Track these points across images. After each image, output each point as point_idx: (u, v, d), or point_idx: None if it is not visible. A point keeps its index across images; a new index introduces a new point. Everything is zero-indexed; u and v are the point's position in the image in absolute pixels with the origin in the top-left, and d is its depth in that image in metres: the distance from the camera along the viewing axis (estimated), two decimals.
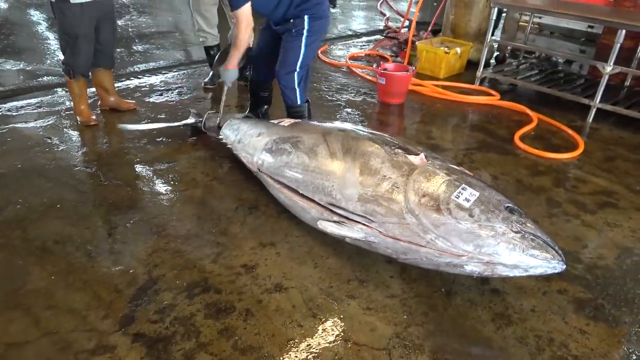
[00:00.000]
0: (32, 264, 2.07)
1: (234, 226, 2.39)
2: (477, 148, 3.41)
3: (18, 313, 1.82)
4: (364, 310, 1.92)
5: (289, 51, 2.85)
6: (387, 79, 4.04)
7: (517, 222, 1.85)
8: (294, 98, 2.95)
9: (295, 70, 2.86)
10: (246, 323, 1.82)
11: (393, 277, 2.10)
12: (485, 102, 4.28)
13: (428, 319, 1.90)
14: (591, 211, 2.70)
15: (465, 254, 1.83)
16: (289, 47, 2.85)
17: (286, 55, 2.87)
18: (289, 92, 2.94)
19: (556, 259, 1.80)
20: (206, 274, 2.06)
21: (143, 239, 2.26)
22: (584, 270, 2.23)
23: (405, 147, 2.23)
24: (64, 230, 2.29)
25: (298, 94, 2.94)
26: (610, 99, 3.97)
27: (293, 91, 2.93)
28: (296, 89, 2.92)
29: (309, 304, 1.93)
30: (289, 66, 2.86)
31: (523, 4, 4.54)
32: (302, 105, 3.01)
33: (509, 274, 1.83)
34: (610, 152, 3.44)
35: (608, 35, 4.24)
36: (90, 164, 2.89)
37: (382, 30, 6.88)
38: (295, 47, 2.82)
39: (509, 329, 1.88)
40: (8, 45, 5.20)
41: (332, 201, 2.13)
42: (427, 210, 1.90)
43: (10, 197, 2.51)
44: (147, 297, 1.91)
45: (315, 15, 2.80)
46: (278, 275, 2.08)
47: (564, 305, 2.01)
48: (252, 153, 2.59)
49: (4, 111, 3.52)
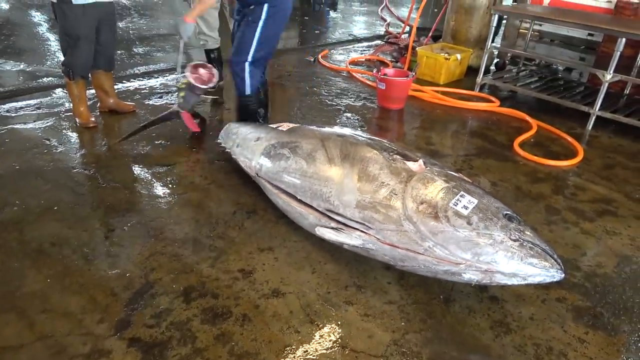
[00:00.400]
0: (28, 267, 2.05)
1: (231, 230, 2.38)
2: (477, 154, 3.41)
3: (13, 316, 1.81)
4: (361, 317, 1.91)
5: (242, 38, 2.82)
6: (387, 84, 4.04)
7: (516, 230, 1.84)
8: (242, 88, 2.93)
9: (246, 60, 2.83)
10: (243, 329, 1.81)
11: (391, 284, 2.09)
12: (485, 108, 4.29)
13: (426, 326, 1.89)
14: (590, 219, 2.69)
15: (463, 262, 1.82)
16: (243, 34, 2.82)
17: (239, 42, 2.84)
18: (239, 81, 2.91)
19: (555, 267, 1.79)
20: (203, 279, 2.05)
21: (140, 242, 2.25)
22: (583, 278, 2.23)
23: (404, 153, 2.22)
24: (60, 233, 2.27)
25: (247, 84, 2.91)
26: (610, 106, 3.98)
27: (242, 81, 2.90)
28: (246, 79, 2.88)
29: (306, 309, 1.92)
30: (241, 55, 2.83)
31: (523, 11, 4.56)
32: (250, 97, 2.98)
33: (507, 282, 1.82)
34: (609, 160, 3.44)
35: (608, 43, 4.25)
36: (89, 166, 2.88)
37: (382, 36, 6.90)
38: (249, 34, 2.79)
39: (507, 337, 1.87)
40: (8, 46, 5.19)
41: (330, 207, 2.13)
42: (425, 218, 1.89)
43: (7, 199, 2.50)
44: (144, 301, 1.90)
45: (274, 3, 2.75)
46: (276, 280, 2.07)
47: (563, 314, 2.00)
48: (250, 157, 2.58)
49: (3, 112, 3.51)
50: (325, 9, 9.09)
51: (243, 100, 3.01)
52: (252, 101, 3.04)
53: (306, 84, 4.65)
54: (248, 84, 2.92)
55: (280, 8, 2.83)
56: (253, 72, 2.91)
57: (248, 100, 3.01)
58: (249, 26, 2.79)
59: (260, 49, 2.85)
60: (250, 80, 2.91)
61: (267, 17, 2.76)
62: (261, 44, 2.83)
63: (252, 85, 2.95)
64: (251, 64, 2.86)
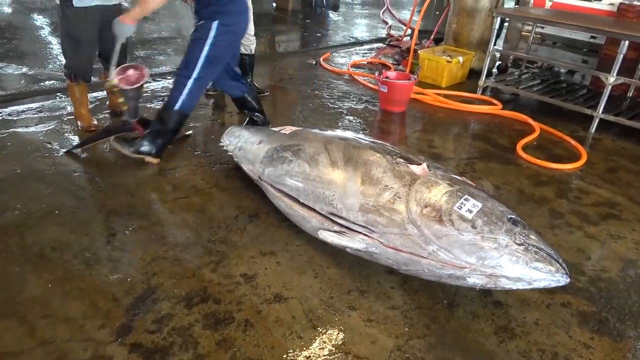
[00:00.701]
0: (29, 271, 2.04)
1: (233, 234, 2.36)
2: (479, 157, 3.39)
3: (13, 321, 1.79)
4: (364, 322, 1.89)
5: (189, 54, 2.68)
6: (389, 87, 4.03)
7: (521, 234, 1.83)
8: (174, 99, 2.73)
9: (191, 77, 2.68)
10: (245, 334, 1.80)
11: (394, 288, 2.08)
12: (488, 111, 4.27)
13: (430, 331, 1.87)
14: (594, 222, 2.68)
15: (468, 266, 1.80)
16: (190, 50, 2.67)
17: (186, 56, 2.70)
18: (175, 92, 2.73)
19: (560, 272, 1.77)
20: (205, 283, 2.03)
21: (142, 246, 2.23)
22: (588, 282, 2.21)
23: (407, 156, 2.21)
24: (62, 237, 2.26)
25: (181, 100, 2.71)
26: (613, 109, 3.96)
27: (179, 94, 2.71)
28: (182, 94, 2.70)
29: (309, 315, 1.90)
30: (187, 70, 2.68)
31: (525, 14, 4.55)
32: (178, 112, 2.76)
33: (512, 287, 1.81)
34: (612, 163, 3.42)
35: (610, 46, 4.24)
36: (90, 170, 2.87)
37: (384, 39, 6.90)
38: (196, 51, 2.63)
39: (512, 342, 1.85)
40: (10, 50, 5.20)
41: (333, 211, 2.11)
42: (429, 221, 1.88)
43: (8, 203, 2.49)
44: (145, 307, 1.89)
45: (226, 21, 2.60)
46: (278, 285, 2.05)
47: (568, 319, 1.98)
48: (252, 161, 2.57)
49: (5, 115, 3.51)
50: (326, 11, 9.10)
51: (167, 111, 2.78)
52: (173, 118, 2.79)
53: (308, 87, 4.65)
54: (182, 100, 2.72)
55: (232, 28, 2.67)
56: (194, 91, 2.73)
57: (169, 115, 2.78)
58: (197, 42, 2.63)
59: (208, 68, 2.70)
60: (186, 97, 2.72)
61: (216, 35, 2.60)
62: (209, 64, 2.67)
63: (185, 103, 2.74)
64: (196, 81, 2.69)
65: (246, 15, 2.83)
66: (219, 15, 2.60)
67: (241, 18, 2.76)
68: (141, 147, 2.87)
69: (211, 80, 2.93)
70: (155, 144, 2.88)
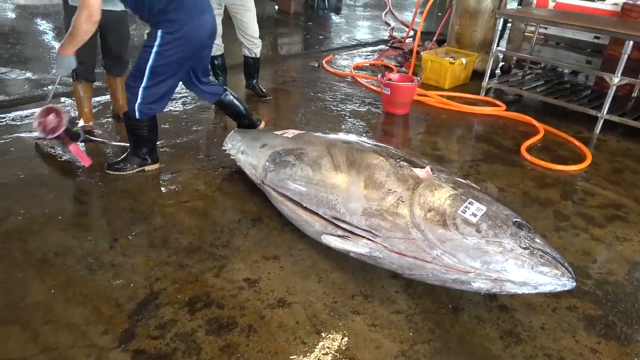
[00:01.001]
0: (32, 277, 2.04)
1: (236, 239, 2.35)
2: (483, 159, 3.37)
3: (16, 328, 1.79)
4: (369, 327, 1.88)
5: (137, 63, 2.56)
6: (392, 89, 4.02)
7: (526, 238, 1.81)
8: (131, 110, 2.66)
9: (140, 86, 2.57)
10: (248, 340, 1.78)
11: (398, 293, 2.06)
12: (491, 112, 4.26)
13: (435, 336, 1.86)
14: (600, 225, 2.65)
15: (473, 271, 1.79)
16: (138, 58, 2.56)
17: (135, 65, 2.60)
18: (130, 103, 2.66)
19: (566, 276, 1.75)
20: (208, 288, 2.02)
21: (144, 251, 2.23)
22: (594, 286, 2.19)
23: (411, 159, 2.20)
24: (64, 242, 2.26)
25: (137, 110, 2.64)
26: (618, 110, 3.94)
27: (132, 106, 2.64)
28: (136, 104, 2.62)
29: (312, 320, 1.89)
30: (135, 80, 2.58)
31: (529, 14, 4.53)
32: (140, 121, 2.70)
33: (517, 291, 1.79)
34: (618, 164, 3.40)
35: (614, 46, 4.22)
36: (93, 175, 2.86)
37: (386, 40, 6.89)
38: (143, 61, 2.52)
39: (518, 347, 1.83)
40: (14, 55, 5.21)
41: (336, 215, 2.10)
42: (433, 225, 1.86)
43: (11, 208, 2.49)
44: (148, 312, 1.88)
45: (170, 29, 2.45)
46: (281, 289, 2.04)
47: (574, 323, 1.96)
48: (255, 164, 2.57)
49: (9, 120, 3.51)
50: (328, 14, 9.11)
51: (130, 122, 2.72)
52: (139, 127, 2.73)
53: (310, 90, 4.64)
54: (138, 109, 2.64)
55: (180, 36, 2.48)
56: (148, 97, 2.61)
57: (136, 125, 2.73)
58: (144, 52, 2.51)
59: (157, 78, 2.56)
60: (141, 105, 2.63)
61: (160, 44, 2.46)
62: (155, 75, 2.54)
63: (142, 112, 2.65)
64: (146, 90, 2.58)
65: (202, 20, 2.57)
66: (163, 24, 2.46)
67: (192, 23, 2.52)
68: (133, 162, 2.87)
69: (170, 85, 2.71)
70: (141, 153, 2.86)
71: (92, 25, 2.43)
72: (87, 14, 2.37)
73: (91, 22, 2.40)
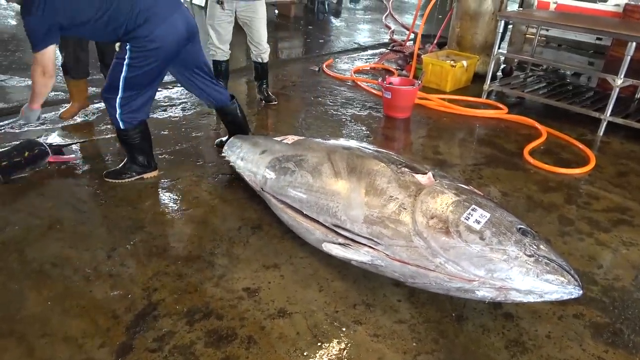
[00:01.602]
0: (29, 288, 2.01)
1: (236, 247, 2.32)
2: (486, 163, 3.34)
3: (12, 341, 1.75)
4: (371, 337, 1.84)
5: (111, 75, 2.56)
6: (392, 93, 3.99)
7: (531, 245, 1.77)
8: (116, 123, 2.68)
9: (116, 97, 2.57)
10: (248, 352, 1.75)
11: (401, 301, 2.02)
12: (493, 115, 4.22)
13: (438, 346, 1.82)
14: (605, 229, 2.61)
15: (477, 279, 1.75)
16: (111, 70, 2.56)
17: (108, 77, 2.59)
18: (112, 117, 2.68)
19: (572, 283, 1.71)
20: (207, 299, 1.99)
21: (143, 261, 2.20)
22: (600, 292, 2.14)
23: (412, 165, 2.16)
24: (62, 252, 2.23)
25: (119, 120, 2.65)
26: (621, 111, 3.90)
27: (114, 117, 2.65)
28: (117, 116, 2.63)
29: (313, 330, 1.85)
30: (110, 92, 2.57)
31: (530, 16, 4.50)
32: (127, 131, 2.70)
33: (522, 300, 1.75)
34: (622, 167, 3.36)
35: (617, 47, 4.18)
36: (91, 183, 2.84)
37: (387, 44, 6.86)
38: (116, 73, 2.52)
39: (524, 357, 1.79)
40: (14, 62, 5.21)
41: (337, 222, 2.07)
42: (435, 233, 1.82)
43: (9, 218, 2.46)
44: (146, 324, 1.84)
45: (138, 44, 2.45)
46: (282, 299, 2.00)
47: (581, 331, 1.92)
48: (255, 171, 2.53)
49: (7, 128, 3.50)
50: (328, 17, 9.10)
51: (121, 134, 2.75)
52: (130, 135, 2.74)
53: (311, 94, 4.61)
54: (120, 119, 2.65)
55: (150, 48, 2.46)
56: (127, 106, 2.62)
57: (124, 135, 2.74)
58: (116, 64, 2.51)
59: (131, 90, 2.57)
60: (122, 116, 2.64)
61: (131, 57, 2.46)
62: (130, 86, 2.55)
63: (125, 121, 2.66)
64: (123, 99, 2.59)
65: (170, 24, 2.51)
66: (131, 40, 2.45)
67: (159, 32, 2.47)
68: (131, 170, 2.86)
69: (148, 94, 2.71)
70: (138, 161, 2.85)
71: (48, 79, 2.49)
72: (40, 70, 2.44)
73: (47, 76, 2.47)
